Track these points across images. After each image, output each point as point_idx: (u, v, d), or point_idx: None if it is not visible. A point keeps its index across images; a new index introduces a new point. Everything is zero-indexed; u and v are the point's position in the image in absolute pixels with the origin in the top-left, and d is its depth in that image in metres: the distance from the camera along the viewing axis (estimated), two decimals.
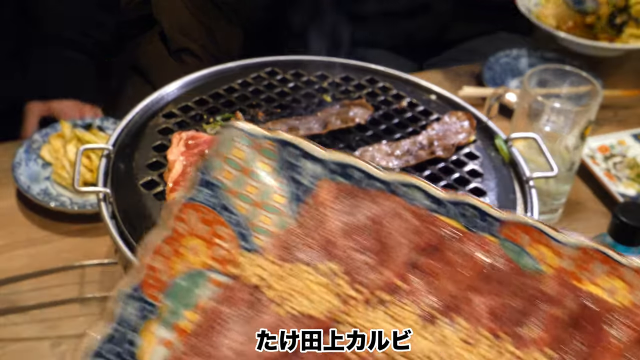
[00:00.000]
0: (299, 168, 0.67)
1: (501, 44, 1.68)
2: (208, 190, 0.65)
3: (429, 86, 1.07)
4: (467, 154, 0.95)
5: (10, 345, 1.00)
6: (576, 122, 1.13)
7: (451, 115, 0.99)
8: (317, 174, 0.67)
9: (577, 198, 1.30)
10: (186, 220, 0.63)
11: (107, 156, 0.89)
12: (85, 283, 1.09)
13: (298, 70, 1.07)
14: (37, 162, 1.24)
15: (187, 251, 0.63)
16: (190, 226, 0.63)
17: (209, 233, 0.64)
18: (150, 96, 0.99)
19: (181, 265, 0.62)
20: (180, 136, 0.91)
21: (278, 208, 0.66)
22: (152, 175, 0.87)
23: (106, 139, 1.20)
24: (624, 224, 0.95)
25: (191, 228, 0.63)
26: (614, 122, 1.50)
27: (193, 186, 0.65)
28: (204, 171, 0.65)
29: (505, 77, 1.59)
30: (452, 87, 1.53)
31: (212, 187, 0.65)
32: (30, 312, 1.04)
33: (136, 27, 1.99)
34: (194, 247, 0.63)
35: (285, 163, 0.67)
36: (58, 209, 1.16)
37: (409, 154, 0.93)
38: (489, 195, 0.88)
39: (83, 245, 1.15)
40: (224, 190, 0.65)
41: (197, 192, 0.64)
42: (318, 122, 0.96)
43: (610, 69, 1.64)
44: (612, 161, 1.35)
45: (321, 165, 0.67)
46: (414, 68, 1.76)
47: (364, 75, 1.08)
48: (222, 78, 1.04)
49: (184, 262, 0.62)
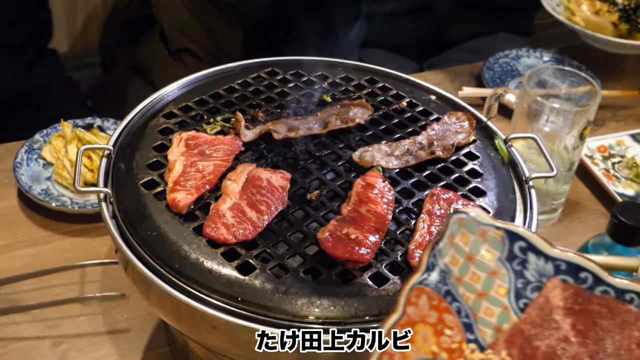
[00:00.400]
0: (525, 262, 0.66)
1: (501, 44, 1.69)
2: (437, 275, 0.64)
3: (429, 86, 1.07)
4: (466, 154, 0.95)
5: (11, 345, 1.00)
6: (575, 123, 1.13)
7: (451, 115, 1.00)
8: (545, 271, 0.65)
9: (576, 198, 1.31)
10: (418, 305, 0.63)
11: (108, 156, 0.90)
12: (85, 283, 1.09)
13: (298, 70, 1.07)
14: (38, 163, 1.25)
15: (419, 337, 0.62)
16: (421, 312, 0.63)
17: (437, 320, 0.63)
18: (151, 96, 0.99)
19: (413, 352, 0.61)
20: (180, 136, 0.92)
21: (501, 301, 0.65)
22: (153, 175, 0.87)
23: (107, 139, 1.21)
24: (623, 223, 0.95)
25: (422, 314, 0.63)
26: (613, 123, 1.51)
27: (424, 269, 0.64)
28: (435, 255, 0.64)
29: (505, 78, 1.59)
30: (451, 87, 1.54)
31: (441, 273, 0.64)
32: (31, 312, 1.04)
33: (136, 27, 1.99)
34: (425, 334, 0.62)
35: (511, 254, 0.66)
36: (59, 209, 1.16)
37: (408, 154, 0.93)
38: (489, 195, 0.89)
39: (84, 245, 1.15)
40: (451, 277, 0.65)
41: (428, 277, 0.64)
42: (318, 122, 0.96)
43: (609, 69, 1.64)
44: (611, 161, 1.35)
45: (550, 262, 0.65)
46: (414, 68, 1.77)
47: (364, 75, 1.08)
48: (222, 78, 1.04)
49: (415, 349, 0.62)
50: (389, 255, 0.79)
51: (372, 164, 0.90)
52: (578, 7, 1.63)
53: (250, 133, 0.93)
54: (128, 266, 0.80)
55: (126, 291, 1.06)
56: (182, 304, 0.74)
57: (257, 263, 0.77)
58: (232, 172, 0.87)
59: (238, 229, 0.79)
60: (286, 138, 0.93)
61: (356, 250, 0.77)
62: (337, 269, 0.77)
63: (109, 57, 2.06)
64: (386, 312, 0.74)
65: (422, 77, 1.57)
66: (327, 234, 0.78)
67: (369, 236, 0.79)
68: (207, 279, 0.75)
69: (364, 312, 0.74)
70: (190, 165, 0.87)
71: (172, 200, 0.82)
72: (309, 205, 0.85)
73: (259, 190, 0.84)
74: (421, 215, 0.83)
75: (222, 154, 0.89)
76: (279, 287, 0.75)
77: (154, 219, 0.81)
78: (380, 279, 0.77)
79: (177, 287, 0.75)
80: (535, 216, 0.87)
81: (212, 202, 0.83)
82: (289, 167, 0.90)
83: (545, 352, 0.63)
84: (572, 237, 1.22)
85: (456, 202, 0.85)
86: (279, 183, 0.85)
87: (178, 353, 0.99)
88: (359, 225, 0.80)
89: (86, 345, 1.01)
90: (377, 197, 0.84)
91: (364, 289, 0.75)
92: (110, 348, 1.01)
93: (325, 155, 0.93)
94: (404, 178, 0.90)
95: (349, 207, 0.83)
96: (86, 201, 1.19)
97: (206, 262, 0.76)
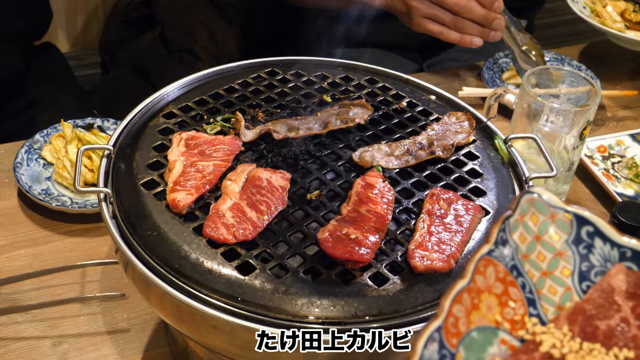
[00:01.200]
0: (591, 246, 0.67)
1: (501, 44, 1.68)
2: (506, 249, 0.66)
3: (429, 86, 1.07)
4: (466, 154, 0.95)
5: (11, 344, 1.00)
6: (575, 122, 1.13)
7: (451, 115, 1.00)
8: (610, 257, 0.67)
9: (576, 198, 1.31)
10: (485, 275, 0.64)
11: (108, 156, 0.90)
12: (86, 283, 1.09)
13: (298, 70, 1.07)
14: (39, 163, 1.25)
15: (483, 305, 0.64)
16: (487, 282, 0.64)
17: (502, 292, 0.65)
18: (151, 96, 0.99)
19: (477, 318, 0.63)
20: (180, 136, 0.92)
21: (565, 282, 0.67)
22: (153, 175, 0.87)
23: (107, 139, 1.21)
24: (623, 223, 0.95)
25: (488, 284, 0.64)
26: (613, 122, 1.51)
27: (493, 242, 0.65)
28: (505, 229, 0.66)
29: None
30: (451, 87, 1.54)
31: (509, 248, 0.66)
32: (32, 312, 1.04)
33: (136, 27, 1.99)
34: (489, 303, 0.64)
35: (578, 238, 0.67)
36: (59, 209, 1.16)
37: (408, 154, 0.93)
38: (489, 195, 0.89)
39: (84, 245, 1.15)
40: (518, 254, 0.66)
41: (496, 249, 0.65)
42: (318, 122, 0.96)
43: (609, 69, 1.64)
44: (611, 161, 1.35)
45: (616, 249, 0.67)
46: (414, 68, 1.77)
47: (364, 75, 1.08)
48: (222, 78, 1.04)
49: (479, 316, 0.63)
50: (389, 255, 0.79)
51: (372, 164, 0.91)
52: (603, 8, 1.63)
53: (250, 133, 0.93)
54: (128, 266, 0.80)
55: (126, 291, 1.06)
56: (182, 304, 0.74)
57: (257, 263, 0.77)
58: (232, 172, 0.87)
59: (238, 229, 0.79)
60: (286, 138, 0.93)
61: (356, 250, 0.77)
62: (337, 269, 0.77)
63: (109, 57, 2.05)
64: (386, 312, 0.74)
65: (422, 77, 1.57)
66: (327, 234, 0.78)
67: (369, 236, 0.79)
68: (207, 279, 0.75)
69: (364, 312, 0.74)
70: (190, 165, 0.87)
71: (172, 200, 0.82)
72: (309, 205, 0.85)
73: (259, 190, 0.84)
74: (421, 215, 0.84)
75: (222, 154, 0.89)
76: (279, 287, 0.75)
77: (154, 219, 0.81)
78: (380, 279, 0.77)
79: (177, 287, 0.75)
80: None
81: (212, 202, 0.83)
82: (289, 167, 0.90)
83: (605, 331, 0.64)
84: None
85: (456, 202, 0.85)
86: (279, 183, 0.85)
87: (178, 353, 0.99)
88: (359, 225, 0.80)
89: (86, 345, 1.01)
90: (377, 197, 0.84)
91: (364, 289, 0.75)
92: (110, 348, 1.01)
93: (325, 155, 0.93)
94: (404, 178, 0.90)
95: (349, 207, 0.83)
96: (86, 201, 1.19)
97: (206, 262, 0.77)
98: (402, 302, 0.75)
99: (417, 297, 0.76)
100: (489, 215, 0.86)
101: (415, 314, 0.74)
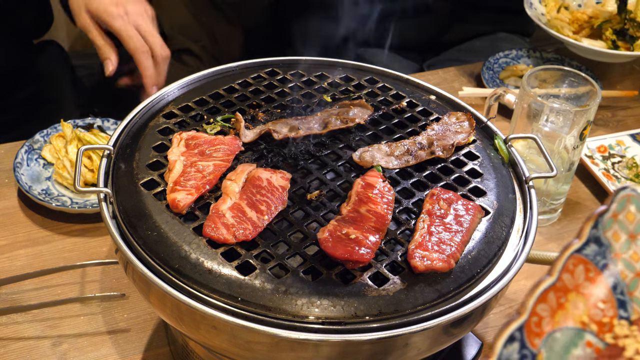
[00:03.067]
0: None
1: (501, 44, 1.69)
2: (597, 247, 0.64)
3: (429, 86, 1.07)
4: (466, 154, 0.95)
5: (11, 344, 1.00)
6: (575, 123, 1.13)
7: (451, 115, 1.00)
8: None
9: (576, 198, 1.31)
10: (573, 273, 0.62)
11: (108, 156, 0.90)
12: (86, 283, 1.09)
13: (298, 70, 1.07)
14: (39, 163, 1.25)
15: (570, 305, 0.62)
16: (576, 281, 0.62)
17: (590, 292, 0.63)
18: (151, 96, 0.99)
19: (562, 318, 0.61)
20: (180, 136, 0.92)
21: None
22: (153, 175, 0.87)
23: (107, 139, 1.21)
24: None
25: (577, 283, 0.62)
26: (613, 123, 1.51)
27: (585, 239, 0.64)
28: (598, 227, 0.64)
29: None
30: (451, 87, 1.54)
31: (601, 245, 0.64)
32: (31, 312, 1.04)
33: None
34: (576, 303, 0.62)
35: None
36: (59, 209, 1.16)
37: (408, 154, 0.93)
38: (489, 195, 0.89)
39: (84, 245, 1.15)
40: (611, 252, 0.64)
41: (587, 247, 0.63)
42: (318, 122, 0.96)
43: (608, 69, 1.64)
44: (611, 161, 1.35)
45: None
46: (414, 68, 1.77)
47: (364, 75, 1.08)
48: (222, 78, 1.05)
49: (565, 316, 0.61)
50: (389, 255, 0.79)
51: (372, 164, 0.91)
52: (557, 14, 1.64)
53: (250, 133, 0.93)
54: (128, 266, 0.80)
55: (126, 291, 1.06)
56: (182, 304, 0.74)
57: (257, 263, 0.77)
58: (232, 172, 0.87)
59: (238, 229, 0.79)
60: (286, 138, 0.93)
61: (356, 250, 0.77)
62: (337, 269, 0.77)
63: None
64: (386, 312, 0.74)
65: (422, 77, 1.58)
66: (327, 234, 0.78)
67: (369, 236, 0.79)
68: (207, 279, 0.75)
69: (364, 312, 0.74)
70: (190, 165, 0.87)
71: (172, 200, 0.82)
72: (309, 205, 0.85)
73: (259, 190, 0.84)
74: (421, 215, 0.84)
75: (222, 154, 0.89)
76: (279, 287, 0.75)
77: (154, 219, 0.81)
78: (380, 279, 0.77)
79: (177, 287, 0.75)
80: (535, 216, 0.87)
81: (212, 202, 0.83)
82: (289, 167, 0.90)
83: None
84: (572, 237, 1.22)
85: (456, 202, 0.85)
86: (279, 183, 0.85)
87: (178, 353, 0.99)
88: (359, 225, 0.80)
89: (86, 345, 1.01)
90: (377, 197, 0.84)
91: (364, 289, 0.75)
92: (110, 348, 1.01)
93: (325, 155, 0.93)
94: (404, 178, 0.90)
95: (349, 207, 0.83)
96: (86, 201, 1.19)
97: (206, 262, 0.77)
98: (402, 302, 0.75)
99: (417, 297, 0.76)
100: (489, 215, 0.86)
101: (415, 314, 0.74)
